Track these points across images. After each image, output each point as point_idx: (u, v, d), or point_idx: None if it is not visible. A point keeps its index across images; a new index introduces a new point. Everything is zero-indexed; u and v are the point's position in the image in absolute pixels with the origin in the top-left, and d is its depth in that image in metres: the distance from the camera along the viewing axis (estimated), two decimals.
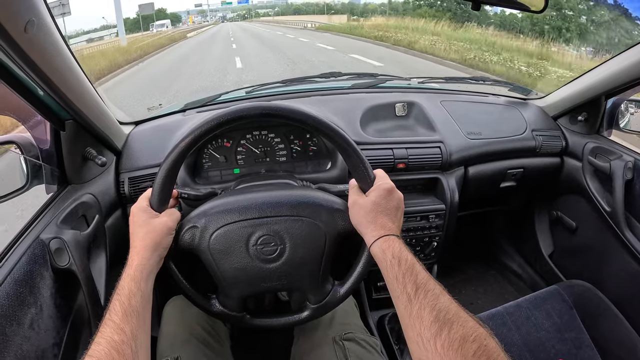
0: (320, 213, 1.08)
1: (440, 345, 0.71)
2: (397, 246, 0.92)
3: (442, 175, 1.81)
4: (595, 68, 1.81)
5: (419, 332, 0.75)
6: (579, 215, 2.11)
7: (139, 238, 0.99)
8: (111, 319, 0.83)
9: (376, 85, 2.08)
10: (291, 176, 1.48)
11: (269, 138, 1.68)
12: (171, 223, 1.04)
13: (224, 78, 12.22)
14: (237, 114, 1.01)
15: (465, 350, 0.68)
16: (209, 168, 1.66)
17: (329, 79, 2.08)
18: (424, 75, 2.23)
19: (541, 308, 1.64)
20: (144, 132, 1.74)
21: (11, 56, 0.89)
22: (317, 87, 2.10)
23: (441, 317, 0.75)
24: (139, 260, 0.95)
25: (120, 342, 0.79)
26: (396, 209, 1.02)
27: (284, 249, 1.07)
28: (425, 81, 2.19)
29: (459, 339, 0.70)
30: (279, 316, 1.20)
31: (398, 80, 2.20)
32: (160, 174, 1.04)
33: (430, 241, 1.85)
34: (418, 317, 0.77)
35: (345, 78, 2.13)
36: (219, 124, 1.01)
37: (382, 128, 1.85)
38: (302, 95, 1.98)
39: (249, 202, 1.09)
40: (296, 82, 2.07)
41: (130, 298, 0.88)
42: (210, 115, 1.02)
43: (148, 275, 0.96)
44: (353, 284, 1.14)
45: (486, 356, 0.67)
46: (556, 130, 2.06)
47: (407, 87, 2.18)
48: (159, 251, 1.01)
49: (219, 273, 1.08)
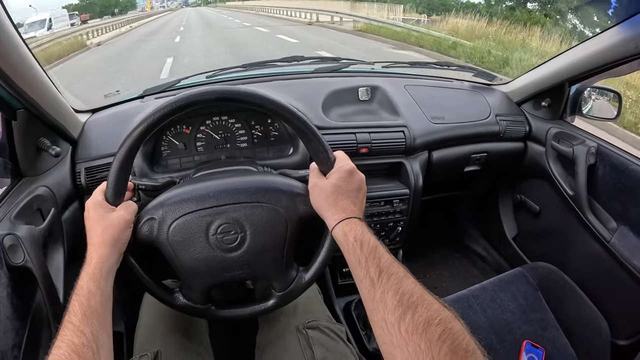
0: (280, 198, 1.05)
1: (404, 329, 0.69)
2: (359, 229, 0.90)
3: (405, 160, 1.80)
4: (559, 55, 1.82)
5: (382, 317, 0.73)
6: (542, 199, 2.14)
7: (97, 234, 0.95)
8: (70, 320, 0.80)
9: (339, 70, 2.05)
10: (252, 162, 1.44)
11: (229, 124, 1.64)
12: (128, 216, 1.00)
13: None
14: (190, 100, 0.97)
15: (430, 334, 0.67)
16: (168, 156, 1.61)
17: (291, 63, 2.04)
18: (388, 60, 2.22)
19: (506, 290, 1.66)
20: (101, 120, 1.67)
21: None
22: (279, 72, 2.06)
23: (405, 300, 0.73)
24: (98, 258, 0.92)
25: (80, 345, 0.76)
26: (357, 190, 1.00)
27: (245, 237, 1.04)
28: (389, 66, 2.17)
29: (424, 323, 0.69)
30: (245, 306, 1.17)
31: (362, 65, 2.17)
32: (114, 165, 0.99)
33: (395, 226, 1.84)
34: (381, 301, 0.75)
35: (307, 62, 2.09)
36: (172, 111, 0.97)
37: (345, 112, 1.83)
38: (264, 80, 1.94)
39: (207, 190, 1.05)
40: (257, 66, 2.02)
41: (90, 298, 0.85)
42: (163, 102, 0.97)
43: (108, 273, 0.92)
44: (318, 269, 1.12)
45: (451, 339, 0.66)
46: (520, 115, 2.08)
47: (370, 71, 2.16)
48: (118, 247, 0.97)
49: (179, 265, 1.04)
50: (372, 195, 1.71)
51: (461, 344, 0.65)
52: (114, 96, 1.94)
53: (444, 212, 2.81)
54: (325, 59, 2.14)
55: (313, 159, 1.06)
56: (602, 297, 1.68)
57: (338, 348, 1.24)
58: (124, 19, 29.18)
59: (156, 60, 12.70)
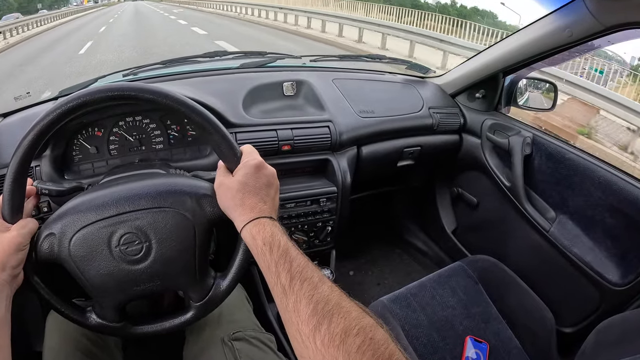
0: (185, 201, 0.97)
1: (320, 342, 0.64)
2: (269, 230, 0.83)
3: (332, 156, 1.74)
4: (492, 46, 1.82)
5: (297, 328, 0.67)
6: (479, 191, 2.15)
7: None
8: None
9: (265, 64, 1.98)
10: (165, 165, 1.37)
11: (144, 124, 1.54)
12: (20, 238, 0.89)
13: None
14: (80, 100, 0.89)
15: (347, 346, 0.62)
16: (80, 161, 1.49)
17: (213, 59, 1.95)
18: (317, 54, 2.18)
19: (446, 285, 1.65)
20: (11, 124, 1.55)
21: None
22: (202, 68, 1.95)
23: (319, 309, 0.68)
24: None
25: None
26: (267, 186, 0.92)
27: (150, 246, 0.95)
28: (318, 59, 2.12)
29: (341, 333, 0.64)
30: (162, 320, 1.09)
31: (289, 59, 2.10)
32: (7, 179, 0.89)
33: (324, 226, 1.78)
34: (295, 310, 0.70)
35: (231, 57, 2.01)
36: (61, 114, 0.88)
37: (269, 109, 1.76)
38: (184, 77, 1.84)
39: (105, 198, 0.96)
40: (179, 62, 1.92)
41: None
42: (54, 105, 0.89)
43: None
44: (235, 274, 1.04)
45: (372, 350, 0.61)
46: (454, 107, 2.07)
47: (298, 66, 2.10)
48: (7, 271, 0.87)
49: (86, 282, 0.95)
50: (297, 195, 1.66)
51: (383, 354, 0.61)
52: (26, 98, 1.80)
53: (382, 208, 2.79)
54: (250, 53, 2.05)
55: (218, 155, 0.98)
56: (545, 287, 1.69)
57: (267, 359, 1.19)
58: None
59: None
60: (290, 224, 1.69)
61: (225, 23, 19.65)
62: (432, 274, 1.71)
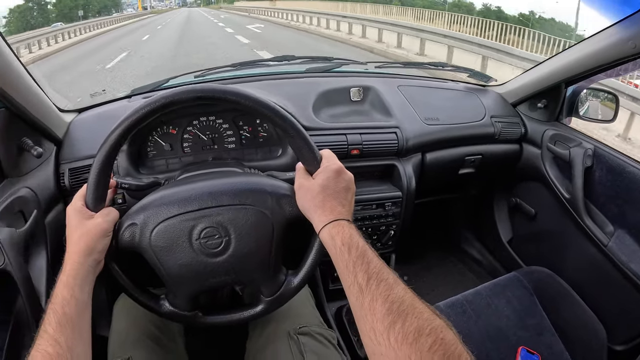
0: (266, 200, 1.03)
1: (393, 339, 0.67)
2: (347, 231, 0.87)
3: (398, 162, 1.78)
4: (555, 55, 1.82)
5: (371, 325, 0.71)
6: (538, 202, 2.13)
7: (73, 242, 0.94)
8: (45, 329, 0.79)
9: (331, 70, 2.03)
10: (239, 164, 1.43)
11: (217, 124, 1.62)
12: (106, 225, 0.97)
13: None
14: (168, 100, 0.96)
15: (420, 344, 0.65)
16: (154, 157, 1.59)
17: (281, 63, 2.02)
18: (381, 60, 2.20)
19: (501, 295, 1.66)
20: (87, 119, 1.65)
21: None
22: (269, 72, 2.03)
23: (395, 308, 0.70)
24: (71, 266, 0.90)
25: (55, 355, 0.75)
26: (346, 190, 0.97)
27: (230, 241, 1.02)
28: (382, 66, 2.16)
29: (414, 332, 0.66)
30: (233, 312, 1.15)
31: (354, 65, 2.16)
32: (93, 170, 0.97)
33: (387, 230, 1.82)
34: (370, 309, 0.73)
35: (298, 62, 2.07)
36: (150, 111, 0.96)
37: (336, 113, 1.81)
38: (253, 80, 1.92)
39: (188, 193, 1.03)
40: (247, 65, 1.99)
41: (64, 306, 0.83)
42: (141, 103, 0.96)
43: (83, 281, 0.90)
44: (307, 273, 1.10)
45: (443, 350, 0.64)
46: (515, 117, 2.07)
47: (363, 71, 2.14)
48: (94, 255, 0.94)
49: (164, 271, 1.02)
50: (363, 198, 1.70)
51: (453, 354, 0.63)
52: (101, 95, 1.93)
53: (438, 215, 2.80)
54: (317, 58, 2.12)
55: (298, 157, 1.04)
56: (599, 302, 1.68)
57: (330, 355, 1.22)
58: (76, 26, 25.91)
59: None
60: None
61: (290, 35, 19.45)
62: (487, 283, 1.73)
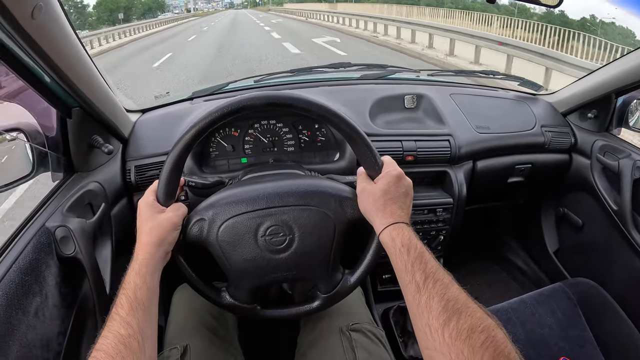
0: (329, 202, 1.09)
1: (448, 335, 0.72)
2: (407, 234, 0.93)
3: (450, 169, 1.82)
4: (606, 65, 1.82)
5: (427, 322, 0.76)
6: (585, 212, 2.12)
7: (144, 233, 1.01)
8: (117, 313, 0.85)
9: (385, 77, 2.08)
10: (299, 166, 1.49)
11: (277, 128, 1.69)
12: (176, 219, 1.05)
13: None
14: (241, 104, 1.03)
15: (473, 341, 0.69)
16: (216, 157, 1.67)
17: (337, 69, 2.08)
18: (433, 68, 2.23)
19: (545, 305, 1.66)
20: (151, 120, 1.75)
21: (18, 42, 0.90)
22: (326, 78, 2.10)
23: (450, 306, 0.75)
24: (144, 256, 0.97)
25: (127, 336, 0.80)
26: (405, 195, 1.03)
27: (293, 239, 1.07)
28: (434, 74, 2.20)
29: (467, 329, 0.71)
30: (290, 307, 1.21)
31: (407, 72, 2.20)
32: (166, 167, 1.05)
33: (437, 235, 1.86)
34: (426, 306, 0.78)
35: (354, 69, 2.13)
36: (223, 115, 1.03)
37: (391, 120, 1.86)
38: (311, 86, 1.99)
39: (257, 192, 1.10)
40: (304, 72, 2.08)
41: (136, 292, 0.89)
42: (215, 106, 1.03)
43: (153, 270, 0.97)
44: (363, 272, 1.15)
45: (494, 347, 0.67)
46: (565, 126, 2.07)
47: (416, 79, 2.19)
48: (164, 247, 1.02)
49: (228, 265, 1.08)
50: (415, 203, 1.70)
51: (503, 352, 0.68)
52: (164, 97, 2.03)
53: (485, 223, 2.80)
54: (371, 66, 2.17)
55: (361, 163, 1.10)
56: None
57: (379, 352, 1.26)
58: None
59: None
60: None
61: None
62: (532, 292, 1.74)
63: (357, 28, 22.82)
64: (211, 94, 1.93)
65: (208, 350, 1.24)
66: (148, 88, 10.19)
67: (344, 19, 26.74)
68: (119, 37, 24.85)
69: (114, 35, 24.25)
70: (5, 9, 0.79)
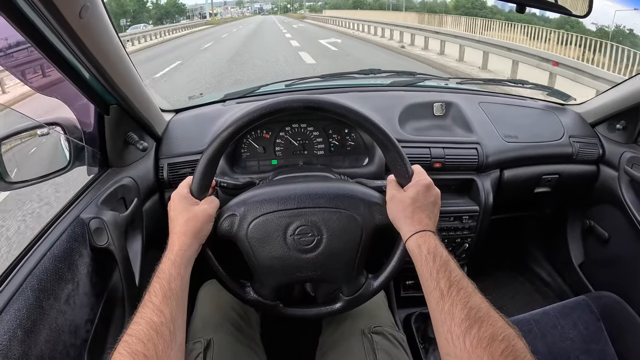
0: (358, 206, 1.12)
1: (469, 343, 0.74)
2: (433, 242, 0.96)
3: (477, 177, 1.85)
4: (636, 75, 1.81)
5: (449, 328, 0.79)
6: (612, 225, 2.11)
7: (180, 224, 1.04)
8: (151, 300, 0.88)
9: (414, 84, 2.12)
10: (329, 169, 1.52)
11: (308, 131, 1.74)
12: (211, 210, 1.09)
13: None
14: (280, 106, 1.07)
15: (493, 349, 0.71)
16: (247, 158, 1.72)
17: (367, 76, 2.13)
18: (462, 76, 2.25)
19: (568, 317, 1.66)
20: (184, 119, 1.82)
21: (64, 40, 0.95)
22: (356, 83, 2.15)
23: (472, 314, 0.78)
24: (180, 246, 1.00)
25: (159, 324, 0.84)
26: (433, 204, 1.06)
27: (321, 240, 1.11)
28: (463, 82, 2.23)
29: (488, 338, 0.73)
30: (312, 307, 1.25)
31: (436, 80, 2.24)
32: (202, 161, 1.09)
33: (462, 242, 1.88)
34: (449, 313, 0.81)
35: (384, 75, 2.17)
36: (262, 115, 1.07)
37: (420, 127, 1.89)
38: (341, 91, 2.03)
39: (288, 192, 1.13)
40: (335, 77, 2.13)
41: (171, 281, 0.93)
42: (253, 107, 1.07)
43: (188, 261, 1.01)
44: (387, 277, 1.18)
45: (513, 356, 0.70)
46: (593, 137, 2.07)
47: (445, 87, 2.22)
48: (199, 238, 1.06)
49: (255, 261, 1.12)
50: (442, 210, 1.69)
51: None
52: (197, 98, 2.12)
53: (509, 233, 2.80)
54: (401, 73, 2.21)
55: (391, 169, 1.13)
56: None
57: (400, 356, 1.28)
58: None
59: None
60: None
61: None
62: (555, 304, 1.74)
63: (392, 39, 21.45)
64: (243, 97, 1.99)
65: (231, 345, 1.28)
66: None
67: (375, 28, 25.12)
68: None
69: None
70: (56, 8, 0.84)
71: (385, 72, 2.20)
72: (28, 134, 1.34)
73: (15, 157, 1.34)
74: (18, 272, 0.97)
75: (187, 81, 12.38)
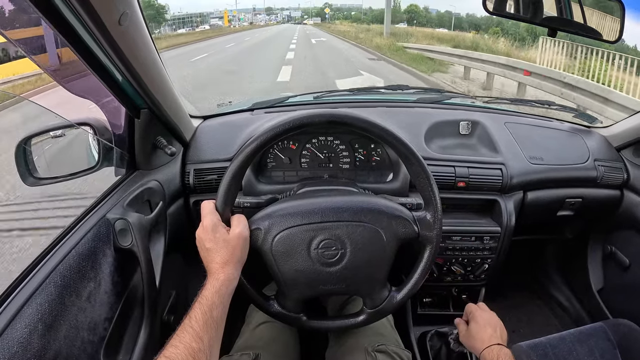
0: (381, 219, 1.18)
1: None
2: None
3: (500, 198, 1.89)
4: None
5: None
6: (633, 252, 2.14)
7: (221, 255, 1.08)
8: (191, 325, 0.93)
9: (441, 101, 2.17)
10: (353, 184, 1.58)
11: (334, 144, 1.79)
12: (246, 232, 1.15)
13: None
14: (302, 122, 1.14)
15: None
16: (273, 168, 1.78)
17: (395, 91, 2.20)
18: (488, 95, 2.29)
19: (584, 344, 1.68)
20: (212, 126, 1.89)
21: (102, 46, 1.01)
22: (383, 98, 2.21)
23: None
24: (226, 276, 1.06)
25: (197, 350, 0.88)
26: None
27: (345, 254, 1.16)
28: (490, 101, 2.26)
29: None
30: (335, 319, 1.32)
31: (463, 98, 2.30)
32: (227, 176, 1.15)
33: (482, 263, 1.91)
34: None
35: (411, 92, 2.23)
36: (285, 130, 1.14)
37: (445, 145, 1.93)
38: (369, 105, 2.08)
39: (312, 206, 1.19)
40: (363, 91, 2.21)
41: (213, 309, 0.98)
42: (277, 121, 1.14)
43: (232, 290, 1.08)
44: (410, 291, 1.24)
45: None
46: (619, 161, 2.10)
47: (471, 105, 2.26)
48: (241, 264, 1.12)
49: (279, 274, 1.18)
50: (464, 230, 1.82)
51: None
52: (226, 106, 2.21)
53: (529, 255, 2.84)
54: (428, 89, 2.27)
55: (415, 184, 1.21)
56: None
57: None
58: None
59: None
60: (452, 255, 1.85)
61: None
62: (573, 330, 1.76)
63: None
64: (271, 106, 2.05)
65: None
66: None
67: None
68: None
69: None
70: (96, 15, 0.90)
71: (413, 88, 2.26)
72: (59, 132, 1.41)
73: (44, 154, 1.42)
74: (42, 268, 1.03)
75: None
